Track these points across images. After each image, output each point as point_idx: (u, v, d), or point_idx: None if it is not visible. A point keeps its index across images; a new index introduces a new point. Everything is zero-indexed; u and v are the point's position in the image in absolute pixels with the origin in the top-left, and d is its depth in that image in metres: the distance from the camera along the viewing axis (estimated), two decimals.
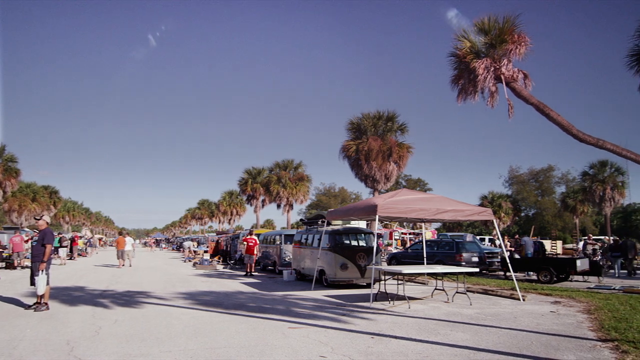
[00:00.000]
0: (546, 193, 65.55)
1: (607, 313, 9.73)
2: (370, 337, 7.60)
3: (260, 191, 46.36)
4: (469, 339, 7.47)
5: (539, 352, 6.67)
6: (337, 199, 78.71)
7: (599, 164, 42.02)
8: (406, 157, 28.87)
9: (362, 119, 29.23)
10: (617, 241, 22.52)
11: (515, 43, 13.75)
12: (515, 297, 12.24)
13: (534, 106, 13.42)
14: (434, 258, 19.84)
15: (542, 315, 9.86)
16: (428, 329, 8.29)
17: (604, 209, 42.31)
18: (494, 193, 52.61)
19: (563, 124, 12.95)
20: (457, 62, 14.67)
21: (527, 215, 66.61)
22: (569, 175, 62.95)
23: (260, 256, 22.90)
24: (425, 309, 10.70)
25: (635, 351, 6.51)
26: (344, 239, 15.73)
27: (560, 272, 17.02)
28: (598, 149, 12.98)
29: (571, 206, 48.59)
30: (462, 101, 14.77)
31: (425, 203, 12.82)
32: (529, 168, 67.94)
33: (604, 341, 7.31)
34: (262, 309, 10.58)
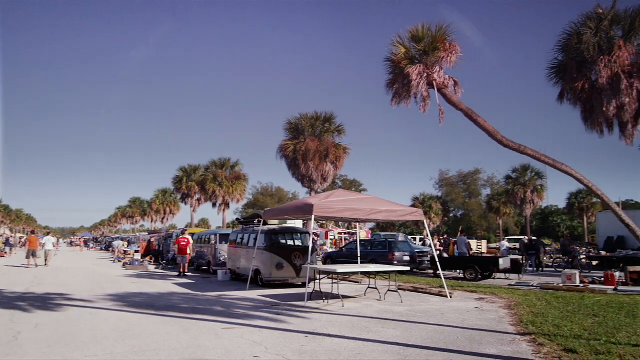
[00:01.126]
0: (473, 195, 68.86)
1: (526, 308, 10.37)
2: (304, 336, 7.67)
3: (196, 189, 45.35)
4: (399, 336, 7.73)
5: (464, 346, 7.02)
6: (274, 198, 78.48)
7: (521, 168, 44.68)
8: (343, 158, 29.32)
9: (301, 119, 29.38)
10: (532, 241, 24.92)
11: (447, 51, 14.35)
12: (443, 294, 12.79)
13: (463, 112, 14.10)
14: (368, 257, 20.24)
15: (468, 311, 10.36)
16: (361, 327, 8.48)
17: (524, 210, 45.02)
18: (425, 194, 54.64)
19: (489, 130, 13.71)
20: (393, 67, 15.11)
21: (455, 216, 69.62)
22: (494, 178, 66.54)
23: (194, 256, 22.42)
24: (359, 307, 10.94)
25: (550, 344, 6.99)
26: (280, 238, 15.73)
27: (484, 270, 17.93)
28: (520, 154, 13.91)
29: (495, 208, 51.35)
30: (396, 105, 15.23)
31: (360, 203, 13.09)
32: (458, 171, 71.13)
33: (522, 335, 7.80)
34: (195, 310, 10.39)
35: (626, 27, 13.89)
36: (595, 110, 14.22)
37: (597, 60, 13.79)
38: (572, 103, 14.91)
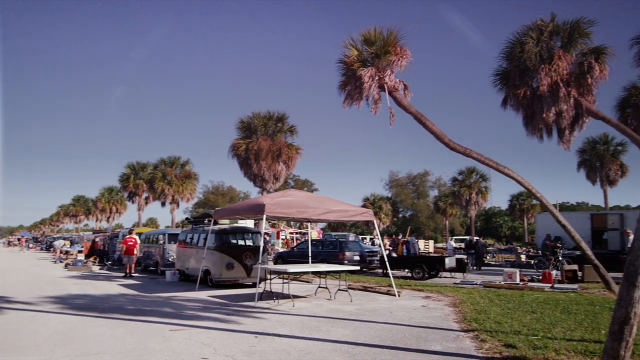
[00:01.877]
0: (421, 196, 70.56)
1: (470, 306, 10.77)
2: (254, 337, 7.65)
3: (144, 188, 44.01)
4: (348, 334, 7.85)
5: (411, 343, 7.22)
6: (226, 197, 77.44)
7: (467, 170, 46.20)
8: (295, 158, 29.34)
9: (253, 118, 29.17)
10: (471, 241, 26.64)
11: (397, 55, 14.64)
12: (392, 293, 13.07)
13: (412, 115, 14.43)
14: (319, 257, 20.37)
15: (415, 309, 10.64)
16: (311, 326, 8.55)
17: (469, 211, 46.59)
18: (375, 195, 55.52)
19: (437, 133, 14.10)
20: (345, 69, 15.27)
21: (404, 216, 71.08)
22: (441, 180, 68.42)
23: (142, 256, 21.83)
24: (309, 306, 11.01)
25: (492, 340, 7.29)
26: (231, 238, 15.58)
27: (431, 270, 18.44)
28: (466, 157, 14.37)
29: (442, 208, 52.84)
30: (348, 106, 15.39)
31: (312, 203, 13.17)
32: (407, 172, 72.67)
33: (466, 331, 8.10)
34: (141, 312, 10.13)
35: (565, 38, 14.66)
36: (536, 116, 14.93)
37: (538, 68, 14.47)
38: (515, 109, 15.58)
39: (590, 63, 14.15)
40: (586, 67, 14.20)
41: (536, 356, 6.12)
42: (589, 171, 36.57)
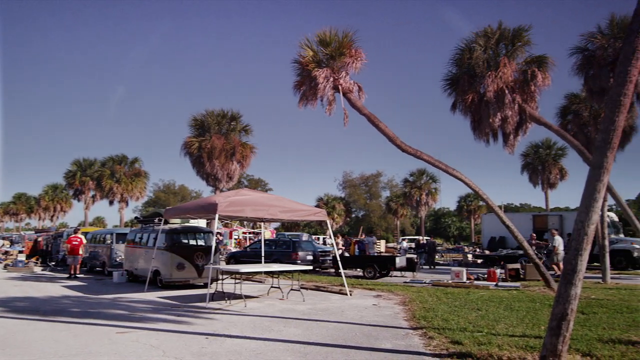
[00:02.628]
0: (374, 197, 71.62)
1: (419, 304, 11.05)
2: (204, 338, 7.56)
3: (91, 186, 42.44)
4: (300, 334, 7.89)
5: (361, 342, 7.34)
6: (177, 196, 75.81)
7: (417, 172, 47.40)
8: (249, 157, 29.14)
9: (206, 116, 28.74)
10: (419, 241, 28.39)
11: (352, 57, 14.83)
12: (344, 292, 13.22)
13: (366, 117, 14.66)
14: (272, 257, 20.33)
15: (366, 308, 10.82)
16: (263, 326, 8.53)
17: (420, 212, 47.81)
18: (329, 195, 55.91)
19: (389, 135, 14.38)
20: (300, 69, 15.32)
21: (357, 216, 71.92)
22: (393, 181, 69.72)
23: (87, 257, 21.06)
24: (261, 306, 10.98)
25: (439, 337, 7.53)
26: (182, 238, 15.30)
27: (382, 269, 18.77)
28: (417, 159, 14.74)
29: (394, 209, 53.91)
30: (303, 106, 15.46)
31: (266, 203, 13.13)
32: (360, 173, 73.52)
33: (415, 329, 8.31)
34: (87, 314, 9.79)
35: (509, 45, 15.32)
36: (483, 121, 15.52)
37: (485, 75, 15.05)
38: (463, 113, 16.14)
39: (534, 71, 14.83)
40: (530, 75, 14.88)
41: (480, 352, 6.36)
42: (532, 174, 38.28)
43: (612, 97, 6.11)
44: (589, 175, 6.06)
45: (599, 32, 16.11)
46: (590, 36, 16.19)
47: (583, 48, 16.40)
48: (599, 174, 5.96)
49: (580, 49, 16.45)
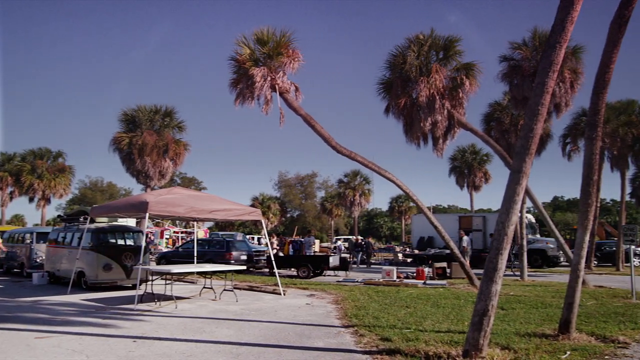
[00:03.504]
0: (309, 197, 71.99)
1: (351, 303, 11.27)
2: (132, 341, 7.31)
3: (9, 181, 39.51)
4: (233, 335, 7.82)
5: (294, 341, 7.39)
6: (105, 194, 72.36)
7: (352, 173, 48.19)
8: (183, 155, 28.39)
9: (138, 111, 27.65)
10: (357, 240, 28.72)
11: (290, 57, 14.87)
12: (277, 292, 13.24)
13: (302, 117, 14.76)
14: (205, 257, 19.97)
15: (299, 307, 10.90)
16: (194, 328, 8.37)
17: (353, 212, 48.66)
18: (264, 195, 55.57)
19: (325, 136, 14.57)
20: (237, 66, 15.16)
21: (292, 216, 72.03)
22: (328, 181, 70.41)
23: (4, 257, 19.68)
24: (193, 307, 10.76)
25: (370, 334, 7.73)
26: (109, 237, 14.68)
27: (316, 268, 18.96)
28: (351, 160, 15.04)
29: (328, 209, 54.50)
30: (239, 105, 15.31)
31: (199, 202, 12.87)
32: (296, 173, 73.58)
33: (346, 327, 8.48)
34: (3, 319, 9.16)
35: (440, 53, 15.97)
36: (414, 125, 16.07)
37: (418, 80, 15.59)
38: (396, 117, 16.61)
39: (462, 78, 15.55)
40: (459, 81, 15.58)
41: (408, 348, 6.60)
42: (459, 177, 40.15)
43: (531, 106, 6.55)
44: (509, 179, 6.46)
45: (524, 44, 17.13)
46: (516, 46, 17.18)
47: (509, 57, 17.37)
48: (518, 177, 6.37)
49: (507, 58, 17.40)
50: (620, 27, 7.87)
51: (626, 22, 7.86)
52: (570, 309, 7.64)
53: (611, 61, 8.02)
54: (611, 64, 8.04)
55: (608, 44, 7.99)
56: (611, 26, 7.92)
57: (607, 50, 8.01)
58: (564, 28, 6.49)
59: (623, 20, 7.84)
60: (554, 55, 6.51)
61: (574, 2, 6.49)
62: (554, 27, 6.60)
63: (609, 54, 8.00)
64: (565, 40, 6.54)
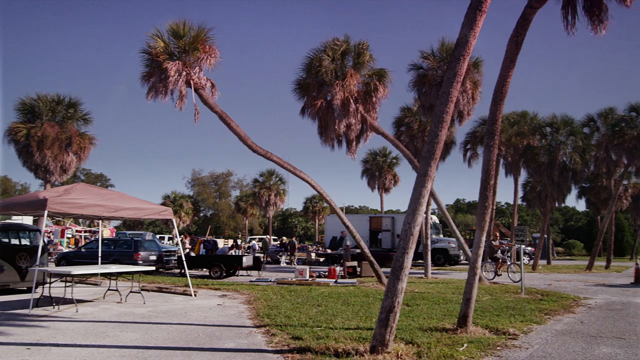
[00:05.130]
0: (223, 196, 70.82)
1: (263, 302, 11.28)
2: (25, 348, 6.79)
3: None
4: (139, 338, 7.53)
5: (204, 343, 7.27)
6: None
7: (267, 173, 48.00)
8: (88, 149, 26.69)
9: (38, 100, 25.57)
10: (282, 240, 29.55)
11: (206, 53, 14.58)
12: (188, 293, 12.90)
13: (217, 115, 14.54)
14: (111, 257, 19.06)
15: (210, 308, 10.72)
16: (96, 333, 7.95)
17: (268, 212, 48.53)
18: (176, 193, 53.77)
19: (240, 135, 14.46)
20: (150, 59, 14.61)
21: (205, 215, 70.47)
22: (244, 181, 69.72)
23: None
24: (96, 311, 10.20)
25: (281, 333, 7.79)
26: (1, 236, 13.49)
27: (229, 268, 18.73)
28: (267, 160, 15.06)
29: (243, 209, 53.91)
30: (152, 99, 14.77)
31: (105, 199, 12.21)
32: (210, 172, 72.15)
33: (258, 327, 8.48)
34: None
35: (355, 59, 16.44)
36: (329, 127, 16.41)
37: (333, 84, 15.95)
38: (312, 118, 16.86)
39: (375, 84, 16.13)
40: (372, 87, 16.14)
41: (319, 345, 6.75)
42: (370, 179, 41.51)
43: (437, 114, 6.98)
44: (416, 181, 6.84)
45: (432, 54, 18.08)
46: (425, 56, 18.09)
47: (419, 66, 18.25)
48: (424, 180, 6.76)
49: (417, 67, 18.28)
50: (516, 45, 8.63)
51: (522, 40, 8.62)
52: (468, 304, 8.22)
53: (508, 75, 8.76)
54: (508, 78, 8.78)
55: (506, 60, 8.72)
56: (509, 44, 8.65)
57: (505, 65, 8.73)
58: (468, 42, 6.98)
59: (519, 39, 8.59)
60: (458, 67, 6.99)
61: (477, 19, 7.01)
62: (459, 40, 7.08)
63: (506, 69, 8.73)
64: (468, 53, 7.04)
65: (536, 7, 8.42)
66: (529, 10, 8.44)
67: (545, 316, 9.83)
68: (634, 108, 25.06)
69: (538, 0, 8.37)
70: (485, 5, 7.06)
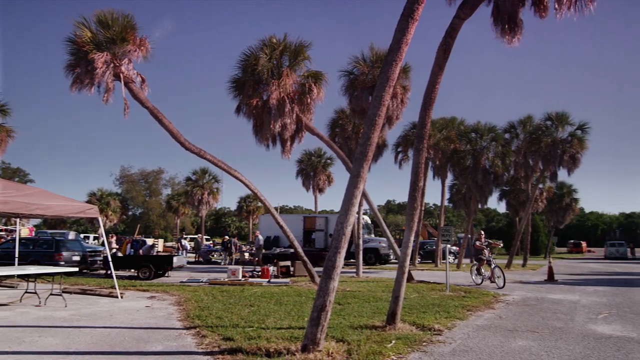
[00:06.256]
0: (154, 194, 68.63)
1: (194, 303, 11.05)
2: None
3: None
4: (59, 344, 7.14)
5: (130, 346, 7.02)
6: None
7: (200, 171, 46.88)
8: (6, 142, 25.00)
9: None
10: (224, 239, 29.77)
11: (136, 45, 14.08)
12: (114, 295, 12.38)
13: (148, 110, 14.09)
14: (29, 258, 17.91)
15: (138, 310, 10.36)
16: (11, 338, 7.45)
17: (201, 211, 47.48)
18: (103, 190, 51.41)
19: (173, 132, 14.10)
20: (76, 49, 13.92)
21: (134, 214, 67.94)
22: (176, 179, 67.87)
23: None
24: (11, 315, 9.56)
25: (212, 334, 7.67)
26: None
27: (159, 269, 18.18)
28: (200, 158, 14.77)
29: (175, 207, 52.45)
30: (77, 91, 14.09)
31: (23, 196, 11.46)
32: (141, 169, 69.67)
33: (188, 329, 8.30)
34: None
35: (292, 58, 16.48)
36: (265, 126, 16.32)
37: (269, 83, 15.88)
38: (247, 117, 16.70)
39: (311, 85, 16.25)
40: (307, 88, 16.24)
41: (250, 346, 6.73)
42: (305, 179, 41.75)
43: (370, 117, 7.17)
44: (348, 182, 6.98)
45: (362, 59, 18.49)
46: (356, 61, 18.48)
47: (350, 71, 18.63)
48: (356, 181, 6.92)
49: (348, 72, 18.65)
50: (445, 53, 9.03)
51: (450, 48, 9.04)
52: (396, 302, 8.51)
53: (437, 82, 9.15)
54: (437, 84, 9.17)
55: (435, 67, 9.10)
56: (438, 51, 9.03)
57: (434, 72, 9.11)
58: (400, 49, 7.22)
59: (447, 47, 9.00)
60: (390, 71, 7.21)
61: (409, 26, 7.27)
62: (392, 47, 7.31)
63: (435, 75, 9.11)
64: (400, 59, 7.29)
65: (463, 18, 8.86)
66: (457, 20, 8.86)
67: (468, 312, 10.35)
68: (549, 117, 27.01)
69: (465, 12, 8.81)
70: (417, 13, 7.33)
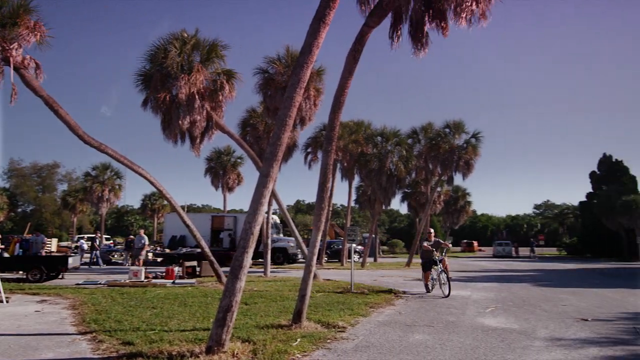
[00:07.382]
0: (48, 190, 63.42)
1: (91, 307, 10.43)
2: None
3: None
4: None
5: (17, 355, 6.48)
6: None
7: (101, 166, 44.17)
8: None
9: None
10: (127, 239, 28.85)
11: (29, 30, 13.05)
12: None
13: (43, 99, 13.09)
14: None
15: (26, 315, 9.58)
16: None
17: (101, 208, 44.76)
18: None
19: (70, 124, 13.19)
20: None
21: (24, 211, 62.46)
22: (73, 174, 63.23)
23: None
24: None
25: (110, 339, 7.29)
26: None
27: (52, 270, 16.90)
28: (101, 152, 13.95)
29: (71, 205, 48.94)
30: None
31: None
32: (33, 162, 64.04)
33: (83, 334, 7.82)
34: None
35: (204, 54, 16.10)
36: (173, 122, 15.78)
37: (179, 77, 15.37)
38: (154, 111, 16.04)
39: (222, 82, 15.99)
40: (219, 85, 15.96)
41: (151, 350, 6.49)
42: (214, 178, 40.89)
43: (280, 117, 7.23)
44: (258, 182, 6.99)
45: (278, 59, 18.51)
46: (271, 60, 18.46)
47: (265, 70, 18.56)
48: (265, 181, 6.95)
49: (263, 70, 18.56)
50: (354, 58, 9.32)
51: (359, 54, 9.34)
52: (302, 300, 8.64)
53: (346, 86, 9.42)
54: (346, 88, 9.44)
55: (345, 71, 9.37)
56: (348, 57, 9.31)
57: (344, 77, 9.37)
58: (311, 51, 7.37)
59: (357, 53, 9.30)
60: (302, 73, 7.33)
61: (321, 30, 7.44)
62: (303, 49, 7.43)
63: (345, 80, 9.37)
64: (311, 61, 7.43)
65: (372, 26, 9.19)
66: (366, 28, 9.18)
67: (370, 309, 10.76)
68: (447, 125, 28.97)
69: (373, 21, 9.15)
70: (329, 18, 7.52)
